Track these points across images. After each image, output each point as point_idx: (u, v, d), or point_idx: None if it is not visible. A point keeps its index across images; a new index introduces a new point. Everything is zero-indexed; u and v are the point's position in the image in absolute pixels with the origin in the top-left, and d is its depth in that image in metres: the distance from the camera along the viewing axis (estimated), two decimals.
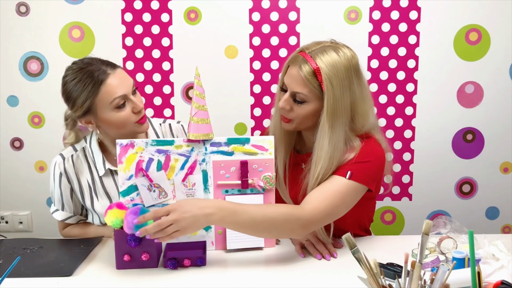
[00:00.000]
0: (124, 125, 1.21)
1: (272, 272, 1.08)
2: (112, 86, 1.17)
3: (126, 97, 1.19)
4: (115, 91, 1.17)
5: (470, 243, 0.72)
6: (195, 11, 1.74)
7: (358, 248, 0.77)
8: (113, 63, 1.24)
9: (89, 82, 1.17)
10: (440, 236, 1.14)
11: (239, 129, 1.82)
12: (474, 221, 1.87)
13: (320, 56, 1.10)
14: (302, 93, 1.12)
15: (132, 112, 1.21)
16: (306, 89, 1.12)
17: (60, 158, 1.30)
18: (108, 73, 1.18)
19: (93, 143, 1.30)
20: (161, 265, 1.11)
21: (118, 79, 1.18)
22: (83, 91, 1.18)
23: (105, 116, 1.20)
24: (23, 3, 1.72)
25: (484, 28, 1.74)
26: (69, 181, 1.30)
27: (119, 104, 1.18)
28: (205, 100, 1.17)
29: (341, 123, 1.12)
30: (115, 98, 1.17)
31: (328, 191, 1.10)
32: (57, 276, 1.05)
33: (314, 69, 1.10)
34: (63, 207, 1.32)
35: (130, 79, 1.23)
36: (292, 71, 1.14)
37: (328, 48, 1.12)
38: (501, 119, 1.81)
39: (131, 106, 1.20)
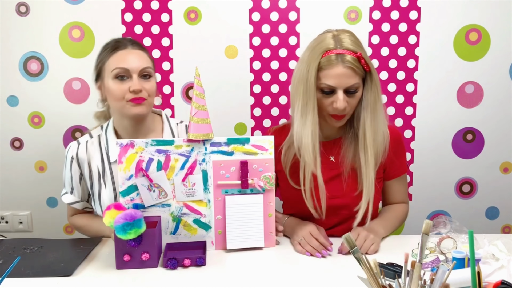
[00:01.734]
0: (119, 99, 1.24)
1: (272, 272, 1.08)
2: (120, 56, 1.25)
3: (128, 72, 1.23)
4: (120, 62, 1.24)
5: (470, 243, 0.72)
6: (195, 11, 1.74)
7: (358, 248, 0.77)
8: (140, 45, 1.32)
9: (107, 48, 1.28)
10: (440, 236, 1.14)
11: (239, 129, 1.82)
12: (474, 221, 1.87)
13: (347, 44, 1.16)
14: (357, 82, 1.17)
15: (128, 90, 1.23)
16: (358, 76, 1.17)
17: (75, 143, 1.35)
18: (125, 47, 1.26)
19: (109, 130, 1.34)
20: (161, 265, 1.11)
21: (129, 54, 1.25)
22: (101, 54, 1.29)
23: (107, 83, 1.26)
24: (23, 3, 1.72)
25: (484, 28, 1.74)
26: (79, 166, 1.34)
27: (118, 75, 1.23)
28: (205, 100, 1.17)
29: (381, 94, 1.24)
30: (116, 67, 1.23)
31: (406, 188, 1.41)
32: (57, 276, 1.05)
33: (358, 57, 1.15)
34: (72, 191, 1.37)
35: (144, 62, 1.26)
36: (338, 71, 1.14)
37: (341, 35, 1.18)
38: (501, 119, 1.81)
39: (129, 84, 1.23)
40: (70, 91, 1.78)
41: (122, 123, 1.32)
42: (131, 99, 1.23)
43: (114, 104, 1.27)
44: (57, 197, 1.86)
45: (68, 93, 1.78)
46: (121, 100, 1.24)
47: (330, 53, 1.15)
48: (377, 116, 1.21)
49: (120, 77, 1.23)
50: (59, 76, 1.77)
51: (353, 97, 1.18)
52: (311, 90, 1.17)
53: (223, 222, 1.20)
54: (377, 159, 1.23)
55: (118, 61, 1.24)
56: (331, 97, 1.17)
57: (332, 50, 1.15)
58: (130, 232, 1.04)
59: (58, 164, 1.83)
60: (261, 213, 1.20)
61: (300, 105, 1.19)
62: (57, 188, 1.84)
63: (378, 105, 1.21)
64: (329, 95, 1.17)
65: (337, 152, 1.29)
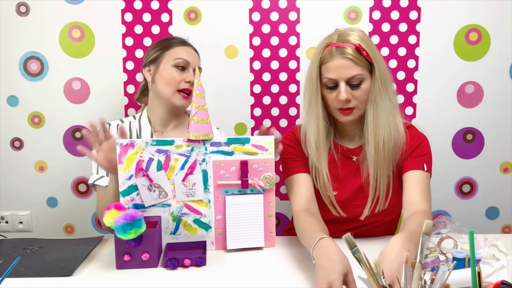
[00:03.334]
0: (171, 84, 1.35)
1: (272, 272, 1.08)
2: (182, 50, 1.39)
3: (189, 64, 1.37)
4: (183, 54, 1.38)
5: (470, 243, 0.72)
6: (195, 11, 1.74)
7: (358, 248, 0.77)
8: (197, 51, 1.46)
9: (166, 41, 1.42)
10: (440, 236, 1.14)
11: (239, 129, 1.82)
12: (474, 221, 1.87)
13: (349, 37, 1.16)
14: (358, 73, 1.15)
15: (184, 80, 1.35)
16: (359, 67, 1.15)
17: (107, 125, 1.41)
18: (188, 45, 1.43)
19: (143, 118, 1.43)
20: (161, 265, 1.11)
21: (192, 52, 1.42)
22: (158, 45, 1.42)
23: (164, 67, 1.37)
24: (23, 3, 1.72)
25: (484, 28, 1.74)
26: None
27: (179, 64, 1.36)
28: (205, 100, 1.17)
29: (390, 89, 1.20)
30: (180, 57, 1.36)
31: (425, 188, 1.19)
32: (57, 276, 1.05)
33: (356, 47, 1.14)
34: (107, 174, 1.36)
35: (199, 62, 1.43)
36: (336, 63, 1.15)
37: (345, 31, 1.18)
38: (501, 119, 1.81)
39: (187, 75, 1.36)
40: (70, 91, 1.78)
41: (157, 111, 1.41)
42: (183, 89, 1.35)
43: (164, 89, 1.36)
44: (57, 197, 1.86)
45: (68, 93, 1.78)
46: (173, 87, 1.35)
47: (330, 47, 1.16)
48: (379, 108, 1.17)
49: (180, 67, 1.36)
50: (59, 76, 1.77)
51: (358, 89, 1.16)
52: (314, 85, 1.19)
53: (223, 222, 1.20)
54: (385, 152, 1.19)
55: (183, 53, 1.38)
56: (335, 91, 1.17)
57: (333, 44, 1.16)
58: (130, 232, 1.04)
59: (58, 164, 1.83)
60: (261, 213, 1.20)
61: (306, 101, 1.23)
62: (57, 188, 1.85)
63: (380, 97, 1.17)
64: (333, 90, 1.17)
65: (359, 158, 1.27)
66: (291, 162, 1.28)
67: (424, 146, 1.25)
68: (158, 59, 1.39)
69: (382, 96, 1.17)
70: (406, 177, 1.21)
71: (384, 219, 1.27)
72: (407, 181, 1.20)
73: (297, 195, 1.23)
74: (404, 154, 1.22)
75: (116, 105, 1.79)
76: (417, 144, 1.23)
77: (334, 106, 1.19)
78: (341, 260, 0.88)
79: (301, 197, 1.22)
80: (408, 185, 1.20)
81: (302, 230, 1.10)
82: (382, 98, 1.17)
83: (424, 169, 1.21)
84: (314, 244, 0.96)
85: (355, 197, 1.26)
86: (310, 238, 1.00)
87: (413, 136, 1.24)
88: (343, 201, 1.26)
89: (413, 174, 1.20)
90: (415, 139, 1.24)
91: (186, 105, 1.38)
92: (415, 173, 1.20)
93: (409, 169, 1.21)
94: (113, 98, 1.78)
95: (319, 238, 0.97)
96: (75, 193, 1.86)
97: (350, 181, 1.26)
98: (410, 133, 1.24)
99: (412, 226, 1.02)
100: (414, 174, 1.20)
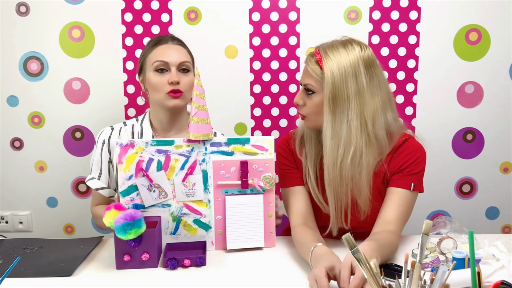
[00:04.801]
0: (158, 91, 1.31)
1: (272, 272, 1.08)
2: (160, 50, 1.32)
3: (167, 65, 1.30)
4: (160, 55, 1.31)
5: (470, 243, 0.72)
6: (195, 11, 1.74)
7: (358, 248, 0.77)
8: (181, 41, 1.39)
9: (147, 45, 1.37)
10: (440, 236, 1.14)
11: (239, 129, 1.82)
12: (474, 221, 1.87)
13: (326, 48, 1.15)
14: (310, 83, 1.15)
15: (167, 82, 1.29)
16: (312, 79, 1.15)
17: (108, 128, 1.39)
18: (166, 42, 1.34)
19: (145, 121, 1.40)
20: (161, 265, 1.11)
21: (169, 48, 1.33)
22: (144, 49, 1.38)
23: (148, 75, 1.33)
24: (23, 3, 1.72)
25: (484, 28, 1.74)
26: (109, 151, 1.37)
27: (158, 68, 1.30)
28: (205, 100, 1.17)
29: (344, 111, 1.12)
30: (156, 60, 1.30)
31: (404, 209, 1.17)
32: (57, 276, 1.05)
33: (317, 60, 1.14)
34: (99, 176, 1.38)
35: (183, 56, 1.33)
36: (305, 66, 1.19)
37: (336, 42, 1.17)
38: (501, 119, 1.81)
39: (168, 76, 1.29)
40: (70, 91, 1.78)
41: (158, 116, 1.37)
42: (169, 91, 1.29)
43: (154, 96, 1.33)
44: (57, 197, 1.86)
45: (68, 93, 1.78)
46: (160, 92, 1.30)
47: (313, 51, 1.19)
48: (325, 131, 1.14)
49: (160, 69, 1.30)
50: (59, 76, 1.77)
51: (310, 99, 1.16)
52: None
53: (223, 222, 1.20)
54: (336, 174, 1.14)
55: (158, 55, 1.31)
56: None
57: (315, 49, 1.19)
58: (130, 232, 1.04)
59: (58, 164, 1.83)
60: (261, 213, 1.20)
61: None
62: (57, 188, 1.85)
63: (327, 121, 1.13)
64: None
65: None
66: (286, 174, 1.28)
67: (419, 163, 1.20)
68: (143, 67, 1.36)
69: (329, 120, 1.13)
70: (390, 192, 1.19)
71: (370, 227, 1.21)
72: (389, 198, 1.18)
73: (293, 209, 1.25)
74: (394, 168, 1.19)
75: (116, 105, 1.79)
76: (411, 161, 1.19)
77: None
78: (327, 258, 0.96)
79: (297, 212, 1.24)
80: (388, 203, 1.18)
81: (299, 243, 1.13)
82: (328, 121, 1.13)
83: (411, 188, 1.18)
84: (310, 253, 1.02)
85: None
86: (307, 248, 1.06)
87: (409, 150, 1.20)
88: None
89: (397, 192, 1.18)
90: (411, 154, 1.20)
91: (179, 104, 1.31)
92: (399, 192, 1.18)
93: (395, 185, 1.19)
94: (113, 98, 1.78)
95: (313, 246, 1.03)
96: (75, 193, 1.86)
97: None
98: (406, 146, 1.20)
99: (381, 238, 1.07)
100: (398, 192, 1.18)
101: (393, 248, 1.10)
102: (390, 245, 1.09)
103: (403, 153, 1.20)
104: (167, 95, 1.30)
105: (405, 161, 1.20)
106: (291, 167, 1.28)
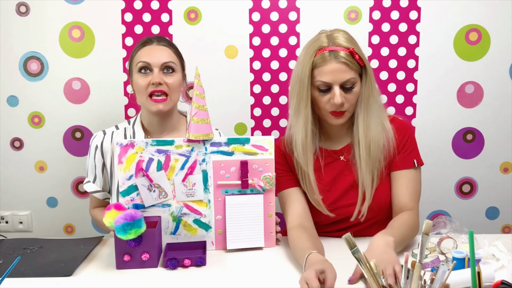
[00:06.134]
0: (141, 92, 1.30)
1: (272, 272, 1.08)
2: (144, 52, 1.31)
3: (150, 65, 1.28)
4: (143, 56, 1.30)
5: (470, 243, 0.72)
6: (195, 11, 1.74)
7: (358, 248, 0.77)
8: (168, 41, 1.37)
9: (137, 45, 1.35)
10: (440, 236, 1.14)
11: (239, 129, 1.82)
12: (474, 221, 1.87)
13: (340, 41, 1.17)
14: (352, 77, 1.17)
15: (149, 84, 1.28)
16: (353, 71, 1.17)
17: (101, 133, 1.39)
18: (151, 43, 1.33)
19: (137, 123, 1.39)
20: (161, 265, 1.11)
21: (152, 49, 1.31)
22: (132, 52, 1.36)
23: (133, 77, 1.32)
24: (23, 3, 1.72)
25: (484, 28, 1.74)
26: (102, 156, 1.37)
27: (141, 68, 1.29)
28: (205, 100, 1.17)
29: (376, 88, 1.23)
30: (139, 60, 1.29)
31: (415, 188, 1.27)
32: (57, 276, 1.05)
33: (350, 51, 1.15)
34: (94, 180, 1.38)
35: (166, 56, 1.31)
36: (331, 67, 1.15)
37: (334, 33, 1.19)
38: (501, 119, 1.81)
39: (150, 77, 1.28)
40: (70, 91, 1.78)
41: (148, 119, 1.37)
42: (152, 91, 1.28)
43: (138, 98, 1.33)
44: (57, 197, 1.86)
45: (68, 93, 1.78)
46: (143, 94, 1.29)
47: (323, 51, 1.16)
48: (370, 110, 1.21)
49: (143, 71, 1.29)
50: (59, 76, 1.77)
51: (351, 92, 1.18)
52: (304, 88, 1.19)
53: (223, 222, 1.20)
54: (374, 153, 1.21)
55: (142, 56, 1.30)
56: (328, 94, 1.17)
57: (325, 48, 1.17)
58: (130, 232, 1.04)
59: (58, 164, 1.83)
60: (261, 213, 1.20)
61: (294, 103, 1.23)
62: (57, 188, 1.85)
63: (372, 100, 1.21)
64: (326, 93, 1.18)
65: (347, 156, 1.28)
66: (280, 178, 1.29)
67: (411, 138, 1.28)
68: (130, 68, 1.35)
69: (373, 99, 1.21)
70: (396, 176, 1.25)
71: (376, 216, 1.27)
72: (397, 182, 1.24)
73: (289, 211, 1.25)
74: (394, 150, 1.24)
75: (116, 105, 1.79)
76: (405, 138, 1.26)
77: (326, 109, 1.19)
78: (319, 262, 0.97)
79: (293, 214, 1.24)
80: (397, 186, 1.24)
81: (294, 248, 1.13)
82: (373, 100, 1.21)
83: (415, 165, 1.25)
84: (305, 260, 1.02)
85: (344, 197, 1.26)
86: (302, 254, 1.05)
87: (399, 128, 1.27)
88: (333, 203, 1.26)
89: (403, 174, 1.24)
90: (402, 131, 1.27)
91: (163, 109, 1.29)
92: (406, 173, 1.24)
93: (400, 168, 1.25)
94: (113, 98, 1.78)
95: (308, 253, 1.03)
96: (75, 193, 1.86)
97: (339, 181, 1.27)
98: (395, 125, 1.27)
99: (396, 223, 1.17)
100: (405, 174, 1.24)
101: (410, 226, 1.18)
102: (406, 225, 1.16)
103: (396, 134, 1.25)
104: (149, 100, 1.28)
105: (399, 141, 1.25)
106: (285, 170, 1.30)
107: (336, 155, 1.28)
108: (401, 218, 1.20)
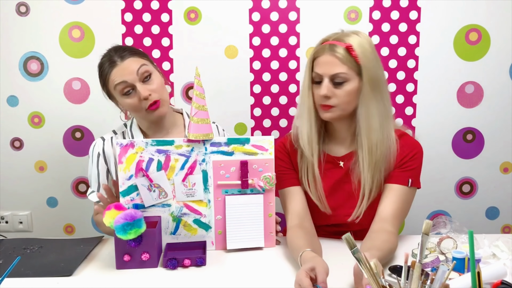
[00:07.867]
0: (136, 111, 1.28)
1: (272, 272, 1.08)
2: (113, 76, 1.25)
3: (129, 84, 1.25)
4: (116, 79, 1.25)
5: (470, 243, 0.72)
6: (195, 11, 1.74)
7: (358, 248, 0.77)
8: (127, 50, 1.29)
9: (102, 71, 1.29)
10: (440, 236, 1.14)
11: (239, 129, 1.82)
12: (474, 221, 1.87)
13: (345, 37, 1.16)
14: (342, 72, 1.14)
15: (140, 100, 1.25)
16: (345, 66, 1.14)
17: (100, 140, 1.37)
18: (114, 64, 1.25)
19: (133, 127, 1.38)
20: (161, 265, 1.11)
21: (121, 69, 1.25)
22: (100, 77, 1.31)
23: (119, 100, 1.30)
24: (23, 3, 1.72)
25: (484, 28, 1.74)
26: (106, 162, 1.35)
27: (124, 91, 1.25)
28: (205, 100, 1.17)
29: (384, 95, 1.19)
30: (116, 84, 1.25)
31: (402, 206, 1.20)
32: (57, 276, 1.05)
33: (346, 47, 1.14)
34: (98, 189, 1.36)
35: (135, 66, 1.25)
36: (325, 59, 1.16)
37: (347, 32, 1.18)
38: (501, 119, 1.81)
39: (138, 94, 1.25)
40: (70, 91, 1.78)
41: (144, 123, 1.37)
42: (148, 107, 1.26)
43: (135, 115, 1.34)
44: (57, 197, 1.86)
45: (68, 93, 1.78)
46: (139, 110, 1.28)
47: (325, 44, 1.17)
48: (370, 112, 1.17)
49: (126, 93, 1.26)
50: (59, 76, 1.77)
51: (340, 88, 1.16)
52: (306, 78, 1.21)
53: (223, 222, 1.20)
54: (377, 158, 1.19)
55: (116, 78, 1.25)
56: (320, 87, 1.18)
57: (328, 41, 1.17)
58: (130, 232, 1.04)
59: (58, 164, 1.83)
60: (261, 213, 1.20)
61: (300, 95, 1.25)
62: (57, 188, 1.85)
63: (372, 104, 1.16)
64: (319, 85, 1.18)
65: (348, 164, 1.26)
66: (282, 175, 1.28)
67: (416, 159, 1.23)
68: (109, 94, 1.32)
69: (373, 101, 1.17)
70: (387, 189, 1.21)
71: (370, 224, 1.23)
72: (387, 194, 1.20)
73: (290, 210, 1.25)
74: (394, 163, 1.21)
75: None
76: (409, 157, 1.22)
77: (317, 101, 1.20)
78: (309, 260, 0.97)
79: (293, 213, 1.24)
80: (384, 198, 1.20)
81: (291, 248, 1.13)
82: (373, 102, 1.17)
83: (408, 184, 1.20)
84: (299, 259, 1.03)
85: (344, 205, 1.25)
86: (297, 254, 1.06)
87: (407, 146, 1.22)
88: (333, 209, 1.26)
89: (395, 188, 1.20)
90: (408, 149, 1.22)
91: (162, 112, 1.29)
92: (397, 188, 1.20)
93: (393, 181, 1.21)
94: None
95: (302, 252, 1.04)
96: (75, 193, 1.86)
97: (338, 189, 1.26)
98: (403, 142, 1.22)
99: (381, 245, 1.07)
100: (396, 189, 1.20)
101: (392, 250, 1.11)
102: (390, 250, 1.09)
103: (400, 149, 1.21)
104: (147, 111, 1.27)
105: (402, 157, 1.21)
106: (288, 168, 1.29)
107: (336, 161, 1.27)
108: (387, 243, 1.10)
